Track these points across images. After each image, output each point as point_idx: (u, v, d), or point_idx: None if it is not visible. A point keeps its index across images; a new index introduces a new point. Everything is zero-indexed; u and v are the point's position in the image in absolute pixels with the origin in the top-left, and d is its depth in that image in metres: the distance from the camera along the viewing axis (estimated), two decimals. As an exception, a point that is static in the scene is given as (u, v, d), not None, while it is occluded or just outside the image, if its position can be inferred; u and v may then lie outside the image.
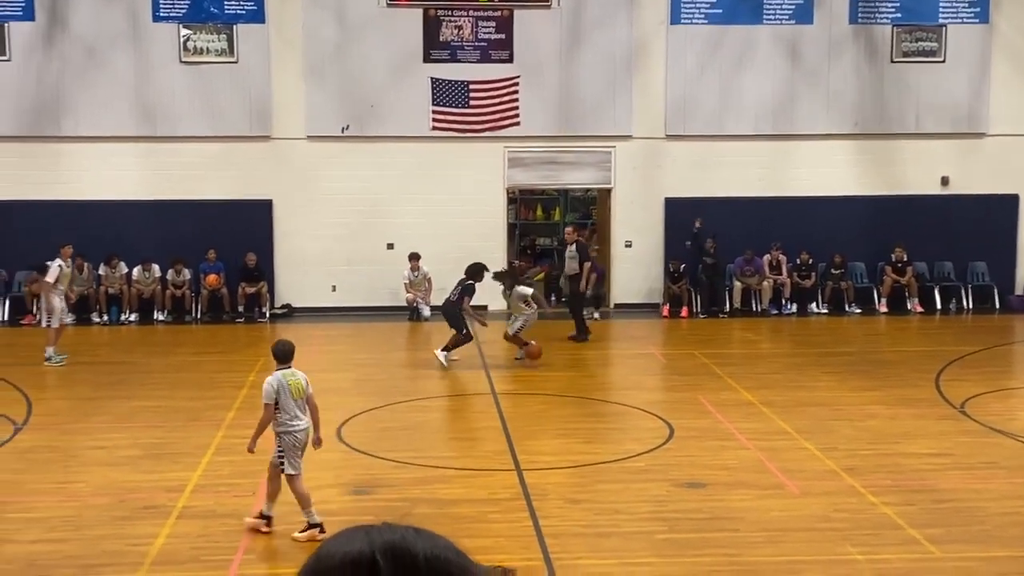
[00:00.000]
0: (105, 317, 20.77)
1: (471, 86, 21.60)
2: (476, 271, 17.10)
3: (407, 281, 21.07)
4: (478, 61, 21.58)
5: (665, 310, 21.70)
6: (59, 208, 20.84)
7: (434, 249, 20.97)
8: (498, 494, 10.38)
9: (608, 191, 22.55)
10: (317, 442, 9.42)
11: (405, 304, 20.97)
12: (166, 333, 20.27)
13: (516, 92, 21.70)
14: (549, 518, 9.61)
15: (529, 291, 17.13)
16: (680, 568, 8.55)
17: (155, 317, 20.97)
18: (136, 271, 20.85)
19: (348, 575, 1.43)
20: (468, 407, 14.66)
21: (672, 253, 21.97)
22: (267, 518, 9.23)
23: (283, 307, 21.60)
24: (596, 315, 21.12)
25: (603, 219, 23.38)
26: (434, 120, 21.60)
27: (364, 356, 17.95)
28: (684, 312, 21.61)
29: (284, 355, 9.33)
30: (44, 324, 17.10)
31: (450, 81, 21.56)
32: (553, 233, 26.51)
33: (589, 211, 25.87)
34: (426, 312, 20.91)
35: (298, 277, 21.71)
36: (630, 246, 22.39)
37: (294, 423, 9.11)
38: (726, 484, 10.64)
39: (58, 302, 16.93)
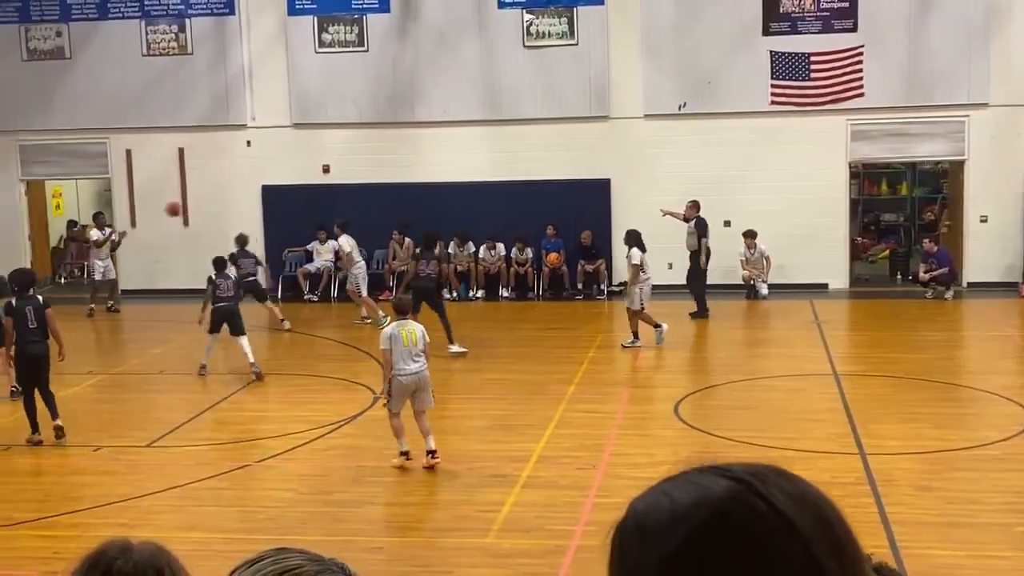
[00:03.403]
0: (455, 293, 21.86)
1: (812, 57, 20.96)
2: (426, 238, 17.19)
3: (744, 259, 20.82)
4: (820, 32, 20.89)
5: (1024, 289, 20.27)
6: (413, 190, 22.05)
7: (772, 227, 20.58)
8: (841, 478, 10.10)
9: (961, 163, 21.26)
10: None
11: (742, 282, 20.73)
12: (510, 309, 21.05)
13: (860, 62, 20.84)
14: (896, 505, 9.26)
15: (638, 256, 16.10)
16: (1042, 565, 8.01)
17: (500, 294, 21.85)
18: (482, 249, 21.79)
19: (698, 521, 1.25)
20: (808, 388, 14.28)
21: (1033, 228, 20.44)
22: (404, 454, 10.69)
23: (620, 284, 21.87)
24: (948, 295, 20.04)
25: (955, 193, 22.07)
26: (773, 94, 21.13)
27: (700, 334, 17.92)
28: (1047, 291, 20.07)
29: (401, 308, 11.16)
30: None
31: (790, 54, 21.00)
32: (899, 208, 25.35)
33: (939, 185, 24.53)
34: (764, 290, 20.58)
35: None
36: (986, 221, 21.01)
37: (400, 367, 10.60)
38: (1096, 478, 9.86)
39: (350, 278, 19.29)
